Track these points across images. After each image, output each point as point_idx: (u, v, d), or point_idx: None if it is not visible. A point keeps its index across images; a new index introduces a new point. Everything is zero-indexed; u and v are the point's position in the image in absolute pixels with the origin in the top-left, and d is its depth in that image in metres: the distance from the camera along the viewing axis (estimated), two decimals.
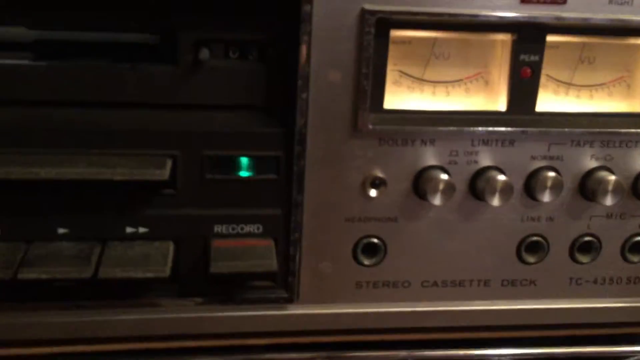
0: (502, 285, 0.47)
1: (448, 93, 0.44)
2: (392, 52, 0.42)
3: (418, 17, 0.41)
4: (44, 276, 0.38)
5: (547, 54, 0.43)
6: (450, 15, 0.41)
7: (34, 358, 0.43)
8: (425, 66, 0.44)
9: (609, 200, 0.44)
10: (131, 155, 0.40)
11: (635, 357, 0.49)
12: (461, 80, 0.44)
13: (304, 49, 0.40)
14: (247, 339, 0.47)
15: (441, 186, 0.42)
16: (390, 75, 0.43)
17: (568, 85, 0.45)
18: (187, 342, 0.45)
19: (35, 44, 0.40)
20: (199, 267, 0.43)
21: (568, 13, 0.42)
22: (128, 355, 0.44)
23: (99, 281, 0.39)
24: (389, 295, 0.46)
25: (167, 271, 0.40)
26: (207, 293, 0.44)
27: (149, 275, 0.40)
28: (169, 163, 0.40)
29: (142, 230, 0.42)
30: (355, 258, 0.45)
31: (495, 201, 0.43)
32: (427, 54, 0.43)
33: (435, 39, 0.43)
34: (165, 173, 0.39)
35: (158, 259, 0.41)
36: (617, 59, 0.45)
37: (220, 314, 0.45)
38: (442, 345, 0.48)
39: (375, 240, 0.45)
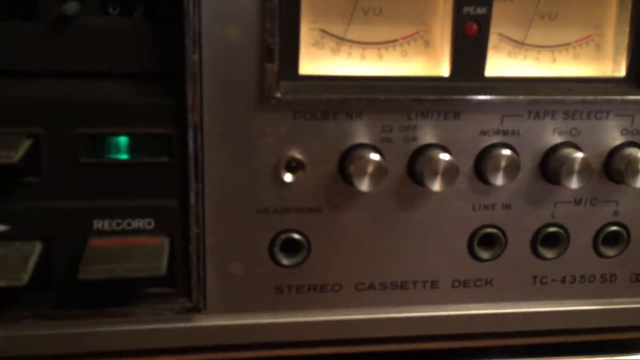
0: (453, 286, 0.43)
1: (381, 56, 0.40)
2: (312, 6, 0.39)
3: None
4: None
5: (499, 7, 0.40)
6: None
7: None
8: (353, 24, 0.40)
9: (575, 183, 0.40)
10: None
11: None
12: (396, 40, 0.40)
13: None
14: (148, 357, 0.41)
15: (369, 168, 0.38)
16: (310, 34, 0.39)
17: (526, 46, 0.41)
18: None
19: None
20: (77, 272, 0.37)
21: None
22: None
23: None
24: (315, 302, 0.42)
25: (24, 278, 0.35)
26: (92, 303, 0.39)
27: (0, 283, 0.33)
28: (25, 143, 0.35)
29: (0, 228, 0.37)
30: (273, 257, 0.41)
31: (437, 186, 0.39)
32: (355, 9, 0.39)
33: None
34: (13, 155, 0.33)
35: (16, 264, 0.35)
36: (584, 14, 0.42)
37: (107, 328, 0.40)
38: None
39: (296, 236, 0.40)
